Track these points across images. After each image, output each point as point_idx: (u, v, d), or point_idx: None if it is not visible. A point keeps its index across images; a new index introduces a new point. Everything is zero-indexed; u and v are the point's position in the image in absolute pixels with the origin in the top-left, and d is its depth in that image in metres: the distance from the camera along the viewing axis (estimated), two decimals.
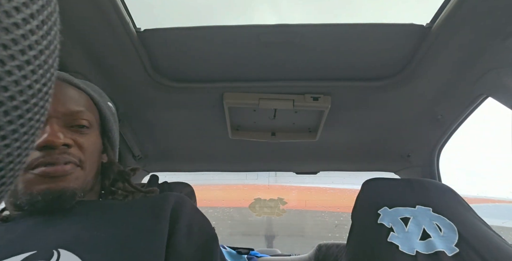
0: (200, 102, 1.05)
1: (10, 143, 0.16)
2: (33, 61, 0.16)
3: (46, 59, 0.17)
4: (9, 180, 0.17)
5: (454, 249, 0.64)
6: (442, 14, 0.76)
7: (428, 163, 1.30)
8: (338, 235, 4.60)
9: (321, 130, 1.13)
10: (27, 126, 0.17)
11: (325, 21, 0.81)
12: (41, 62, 0.16)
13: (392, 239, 0.68)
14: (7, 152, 0.16)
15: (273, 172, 1.54)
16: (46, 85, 0.17)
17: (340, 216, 4.87)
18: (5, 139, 0.15)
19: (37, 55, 0.16)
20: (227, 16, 0.99)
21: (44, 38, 0.16)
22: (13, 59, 0.15)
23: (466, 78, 0.90)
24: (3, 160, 0.16)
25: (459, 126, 1.11)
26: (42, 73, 0.17)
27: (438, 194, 0.78)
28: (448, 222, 0.69)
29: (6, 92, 0.15)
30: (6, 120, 0.15)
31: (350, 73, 0.96)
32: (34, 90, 0.16)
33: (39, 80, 0.17)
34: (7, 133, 0.15)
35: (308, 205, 5.40)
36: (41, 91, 0.17)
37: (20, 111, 0.16)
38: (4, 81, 0.14)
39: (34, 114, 0.17)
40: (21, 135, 0.16)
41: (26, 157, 0.18)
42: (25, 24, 0.15)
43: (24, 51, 0.15)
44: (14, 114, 0.15)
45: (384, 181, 0.85)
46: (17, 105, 0.15)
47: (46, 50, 0.17)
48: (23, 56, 0.15)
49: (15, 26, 0.14)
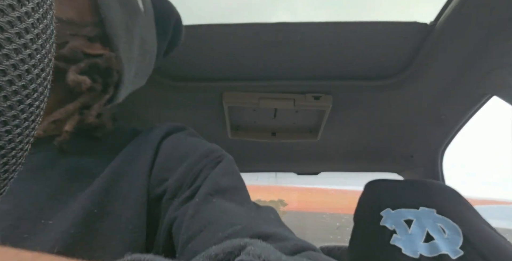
0: (199, 101, 1.04)
1: (11, 129, 0.16)
2: (30, 45, 0.16)
3: (43, 43, 0.17)
4: (12, 167, 0.17)
5: (458, 251, 0.62)
6: (446, 12, 0.75)
7: (431, 164, 1.28)
8: (340, 237, 4.58)
9: (323, 130, 1.11)
10: (28, 113, 0.16)
11: (326, 19, 0.80)
12: (39, 47, 0.16)
13: (395, 241, 0.67)
14: (8, 138, 0.16)
15: (274, 172, 1.53)
16: (45, 71, 0.17)
17: (342, 218, 4.85)
18: (6, 125, 0.15)
19: (34, 39, 0.16)
20: (227, 16, 0.98)
21: (40, 22, 0.16)
22: (10, 42, 0.15)
23: (470, 77, 0.89)
24: (5, 146, 0.16)
25: (463, 126, 1.10)
26: (40, 58, 0.17)
27: (442, 195, 0.77)
28: (452, 224, 0.68)
29: (5, 76, 0.15)
30: (6, 105, 0.15)
31: (352, 72, 0.94)
32: (32, 75, 0.16)
33: (37, 65, 0.17)
34: (8, 118, 0.15)
35: (309, 207, 5.38)
36: (39, 77, 0.17)
37: (20, 96, 0.16)
38: (2, 64, 0.14)
39: (34, 101, 0.17)
40: (22, 121, 0.16)
41: (28, 144, 0.18)
42: (21, 6, 0.15)
43: (21, 34, 0.15)
44: (14, 99, 0.15)
45: (387, 182, 0.84)
46: (16, 90, 0.15)
47: (43, 35, 0.17)
48: (20, 39, 0.15)
49: (11, 8, 0.14)
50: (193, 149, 0.41)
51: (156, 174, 0.38)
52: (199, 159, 0.39)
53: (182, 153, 0.40)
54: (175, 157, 0.40)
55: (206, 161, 0.39)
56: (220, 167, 0.39)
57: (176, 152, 0.40)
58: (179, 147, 0.41)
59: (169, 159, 0.39)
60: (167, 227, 0.35)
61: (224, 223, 0.30)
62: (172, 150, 0.41)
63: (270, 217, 0.33)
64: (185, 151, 0.40)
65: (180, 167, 0.38)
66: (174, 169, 0.38)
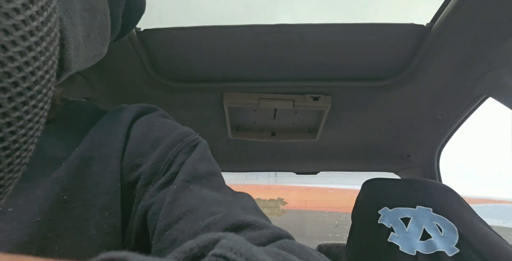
0: (200, 102, 1.05)
1: (16, 130, 0.16)
2: (34, 47, 0.16)
3: (47, 46, 0.17)
4: (17, 167, 0.17)
5: (454, 249, 0.64)
6: (442, 14, 0.76)
7: (428, 163, 1.30)
8: (338, 235, 4.60)
9: (321, 130, 1.12)
10: (32, 114, 0.16)
11: (325, 21, 0.81)
12: (43, 49, 0.16)
13: (392, 239, 0.68)
14: (13, 139, 0.16)
15: (273, 172, 1.54)
16: (48, 73, 0.17)
17: (340, 216, 4.87)
18: (11, 126, 0.15)
19: (38, 41, 0.16)
20: (227, 15, 0.99)
21: (44, 25, 0.16)
22: (15, 45, 0.15)
23: (466, 78, 0.90)
24: (10, 147, 0.16)
25: (459, 126, 1.11)
26: (44, 60, 0.17)
27: (439, 194, 0.78)
28: (449, 222, 0.69)
29: (10, 78, 0.15)
30: (11, 106, 0.15)
31: (350, 73, 0.95)
32: (36, 77, 0.16)
33: (41, 67, 0.17)
34: (12, 119, 0.15)
35: (308, 205, 5.40)
36: (43, 79, 0.17)
37: (24, 98, 0.16)
38: (7, 67, 0.14)
39: (38, 102, 0.17)
40: (26, 122, 0.16)
41: (32, 144, 0.18)
42: (25, 10, 0.15)
43: (25, 37, 0.15)
44: (18, 100, 0.15)
45: (385, 181, 0.85)
46: (21, 92, 0.15)
47: (47, 37, 0.17)
48: (24, 42, 0.15)
49: (15, 11, 0.14)
50: (167, 133, 0.39)
51: (129, 159, 0.36)
52: (173, 143, 0.37)
53: (155, 136, 0.38)
54: (148, 141, 0.37)
55: (181, 145, 0.37)
56: (196, 152, 0.37)
57: (149, 135, 0.38)
58: (152, 130, 0.39)
59: (141, 143, 0.37)
60: (142, 213, 0.34)
61: (203, 211, 0.30)
62: (144, 133, 0.38)
63: (248, 205, 0.33)
64: (158, 135, 0.38)
65: (154, 152, 0.36)
66: (148, 154, 0.36)
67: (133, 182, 0.35)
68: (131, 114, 0.40)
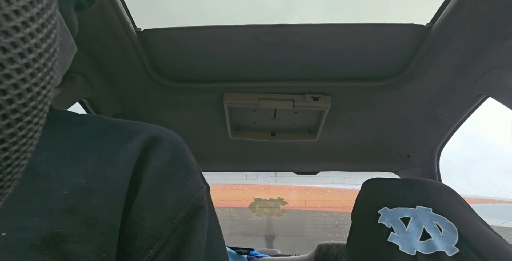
0: (200, 102, 1.05)
1: (8, 147, 0.16)
2: (32, 64, 0.16)
3: (46, 62, 0.17)
4: (7, 184, 0.17)
5: (454, 249, 0.64)
6: (442, 14, 0.76)
7: (428, 163, 1.30)
8: (338, 235, 4.60)
9: (321, 130, 1.13)
10: (26, 130, 0.16)
11: (325, 21, 0.81)
12: (40, 65, 0.16)
13: (392, 239, 0.68)
14: (4, 155, 0.16)
15: (273, 172, 1.55)
16: (45, 88, 0.17)
17: (340, 216, 4.87)
18: (3, 143, 0.15)
19: (36, 58, 0.16)
20: (227, 16, 0.99)
21: (43, 41, 0.16)
22: (12, 63, 0.15)
23: (466, 78, 0.90)
24: (1, 164, 0.16)
25: (459, 126, 1.11)
26: (41, 76, 0.17)
27: (438, 194, 0.78)
28: (448, 222, 0.69)
29: (5, 95, 0.15)
30: (4, 123, 0.15)
31: (350, 73, 0.96)
32: (33, 93, 0.16)
33: (38, 83, 0.17)
34: (5, 136, 0.15)
35: (308, 205, 5.40)
36: (40, 94, 0.17)
37: (19, 115, 0.16)
38: (3, 84, 0.14)
39: (33, 117, 0.17)
40: (19, 138, 0.16)
41: (25, 159, 0.18)
42: (25, 27, 0.15)
43: (24, 54, 0.15)
44: (13, 117, 0.15)
45: (384, 181, 0.85)
46: (15, 109, 0.15)
47: (46, 53, 0.17)
48: (22, 59, 0.15)
49: (15, 30, 0.14)
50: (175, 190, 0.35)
51: (131, 208, 0.32)
52: (180, 206, 0.35)
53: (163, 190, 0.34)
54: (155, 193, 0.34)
55: (187, 209, 0.35)
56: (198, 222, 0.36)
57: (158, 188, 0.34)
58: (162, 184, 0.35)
59: (149, 195, 0.33)
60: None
61: None
62: (154, 187, 0.34)
63: None
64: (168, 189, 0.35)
65: (159, 211, 0.33)
66: (153, 211, 0.33)
67: (131, 235, 0.32)
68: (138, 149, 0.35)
